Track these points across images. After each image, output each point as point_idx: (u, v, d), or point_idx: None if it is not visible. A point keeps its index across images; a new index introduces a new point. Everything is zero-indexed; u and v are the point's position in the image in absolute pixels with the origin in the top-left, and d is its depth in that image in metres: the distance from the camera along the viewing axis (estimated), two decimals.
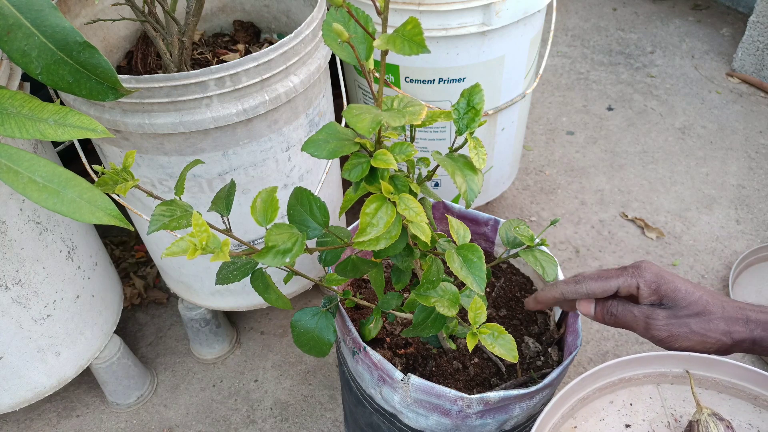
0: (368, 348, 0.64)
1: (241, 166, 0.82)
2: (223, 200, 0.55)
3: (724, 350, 0.56)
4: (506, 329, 0.74)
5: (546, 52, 1.21)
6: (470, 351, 0.70)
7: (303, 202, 0.54)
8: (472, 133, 0.49)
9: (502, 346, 0.55)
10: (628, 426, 0.56)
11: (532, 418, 0.67)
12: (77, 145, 0.87)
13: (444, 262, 0.61)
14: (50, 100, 0.82)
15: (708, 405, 0.55)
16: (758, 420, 0.55)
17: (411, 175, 0.53)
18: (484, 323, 0.55)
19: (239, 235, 0.91)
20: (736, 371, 0.56)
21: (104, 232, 1.38)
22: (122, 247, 1.36)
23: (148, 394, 1.12)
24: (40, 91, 1.04)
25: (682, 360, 0.57)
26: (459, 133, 0.49)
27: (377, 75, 0.70)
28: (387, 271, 0.83)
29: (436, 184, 1.21)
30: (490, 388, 0.69)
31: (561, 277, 0.72)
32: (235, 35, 1.07)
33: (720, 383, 0.57)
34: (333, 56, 1.05)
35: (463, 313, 0.73)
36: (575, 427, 0.56)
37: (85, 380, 1.13)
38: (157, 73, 0.95)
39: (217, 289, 1.01)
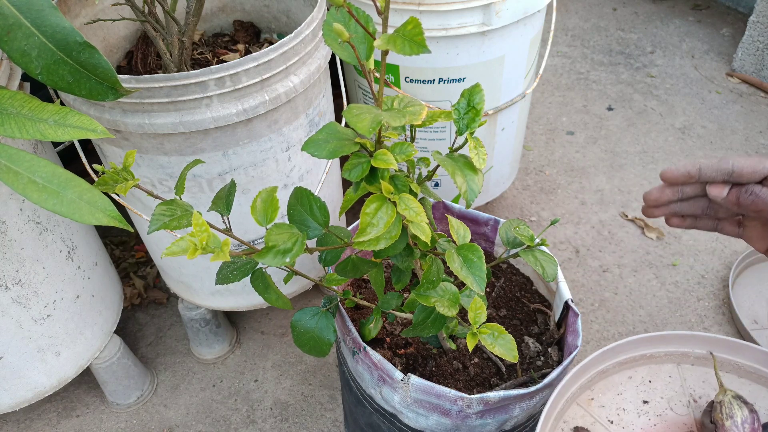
0: (368, 348, 0.64)
1: (241, 166, 0.82)
2: (223, 200, 0.55)
3: None
4: (506, 329, 0.74)
5: (546, 52, 1.21)
6: (470, 351, 0.70)
7: (303, 202, 0.54)
8: (472, 133, 0.49)
9: (502, 346, 0.55)
10: (645, 402, 0.56)
11: (532, 418, 0.67)
12: (77, 145, 0.87)
13: (444, 262, 0.61)
14: (50, 100, 0.82)
15: (731, 388, 0.55)
16: None
17: (411, 175, 0.53)
18: (484, 323, 0.55)
19: (239, 235, 0.91)
20: (760, 357, 0.55)
21: (104, 232, 1.38)
22: (122, 247, 1.36)
23: (148, 394, 1.12)
24: (40, 91, 1.04)
25: (707, 341, 0.57)
26: (459, 133, 0.49)
27: (377, 75, 0.70)
28: (387, 271, 0.83)
29: (436, 184, 1.21)
30: (490, 388, 0.69)
31: (561, 276, 0.72)
32: (235, 35, 1.07)
33: (742, 368, 0.57)
34: (333, 56, 1.05)
35: (463, 313, 0.73)
36: (592, 399, 0.56)
37: (85, 380, 1.13)
38: (157, 73, 0.95)
39: (217, 289, 1.01)
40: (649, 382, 0.57)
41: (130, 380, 1.07)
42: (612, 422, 0.54)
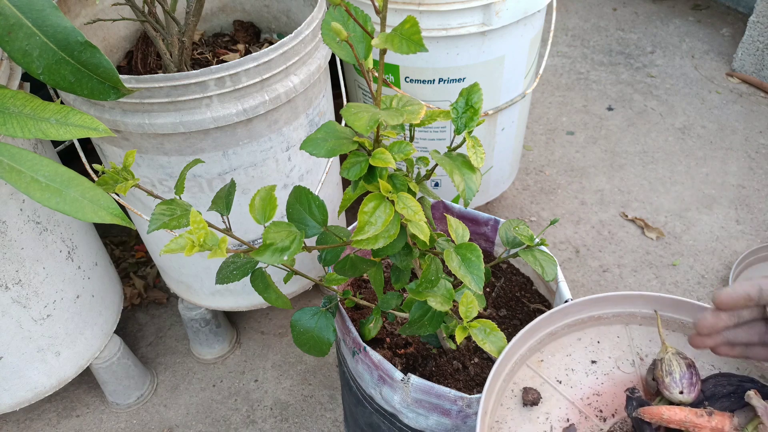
0: (368, 348, 0.64)
1: (241, 166, 0.83)
2: (223, 200, 0.55)
3: None
4: (506, 329, 0.74)
5: (546, 52, 1.21)
6: (462, 346, 0.70)
7: (302, 200, 0.54)
8: (470, 132, 0.49)
9: (493, 342, 0.55)
10: (594, 362, 0.57)
11: None
12: (77, 144, 0.88)
13: (443, 262, 0.61)
14: (50, 100, 0.82)
15: (674, 346, 0.56)
16: (720, 362, 0.56)
17: (410, 175, 0.53)
18: (476, 318, 0.55)
19: (239, 235, 0.91)
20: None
21: (104, 232, 1.38)
22: (122, 247, 1.36)
23: (148, 394, 1.12)
24: (39, 91, 1.04)
25: (651, 300, 0.58)
26: (457, 132, 0.49)
27: (376, 74, 0.70)
28: (387, 270, 0.83)
29: (436, 184, 1.21)
30: None
31: (561, 276, 0.71)
32: (235, 35, 1.07)
33: (686, 325, 0.58)
34: (333, 56, 1.05)
35: None
36: (542, 360, 0.57)
37: (85, 380, 1.13)
38: (157, 73, 0.96)
39: (217, 289, 1.01)
40: (598, 342, 0.59)
41: (130, 380, 1.07)
42: (560, 382, 0.55)
